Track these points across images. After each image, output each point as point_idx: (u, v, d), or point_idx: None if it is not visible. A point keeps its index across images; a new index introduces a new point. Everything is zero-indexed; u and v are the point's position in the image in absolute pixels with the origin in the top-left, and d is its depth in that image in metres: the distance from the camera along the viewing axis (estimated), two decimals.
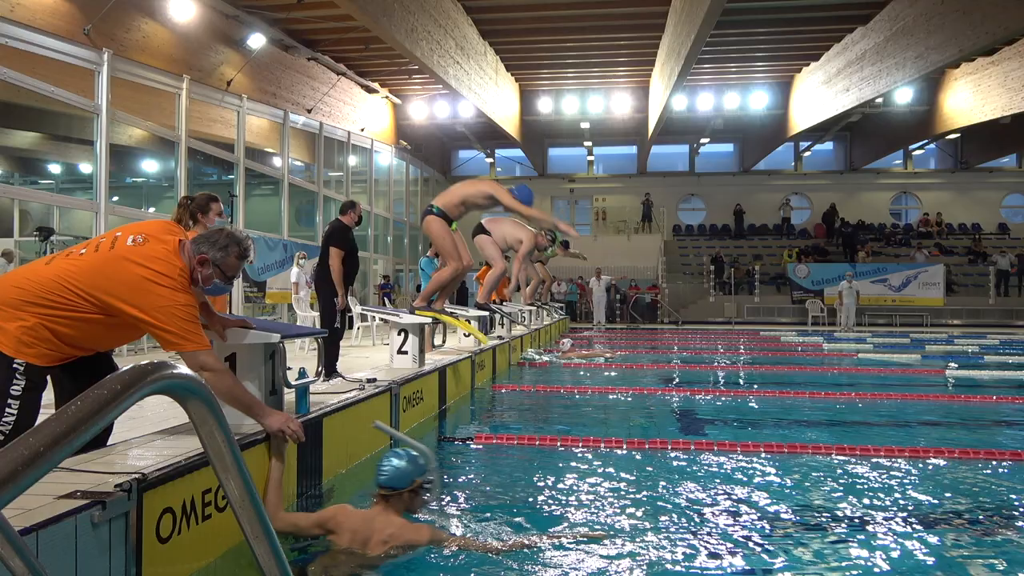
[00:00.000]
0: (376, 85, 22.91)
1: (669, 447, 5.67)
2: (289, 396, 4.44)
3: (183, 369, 1.28)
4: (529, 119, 27.49)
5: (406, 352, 7.16)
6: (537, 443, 5.80)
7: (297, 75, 18.60)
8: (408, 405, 6.19)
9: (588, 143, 29.92)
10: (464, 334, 10.34)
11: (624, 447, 5.67)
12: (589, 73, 25.09)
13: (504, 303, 12.26)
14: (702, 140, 29.50)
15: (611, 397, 8.34)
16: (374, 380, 5.86)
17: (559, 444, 5.74)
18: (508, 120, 25.33)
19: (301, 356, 10.94)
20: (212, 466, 1.53)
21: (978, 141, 27.37)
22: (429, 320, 7.57)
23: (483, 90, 21.65)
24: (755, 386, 9.40)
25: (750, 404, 7.97)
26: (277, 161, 17.92)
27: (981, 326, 21.69)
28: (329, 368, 6.75)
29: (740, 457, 5.35)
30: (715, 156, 31.60)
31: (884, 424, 6.83)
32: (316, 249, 16.56)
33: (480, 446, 5.74)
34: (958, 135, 26.69)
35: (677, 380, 10.25)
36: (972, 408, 7.73)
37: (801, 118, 24.63)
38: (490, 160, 31.98)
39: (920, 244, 27.97)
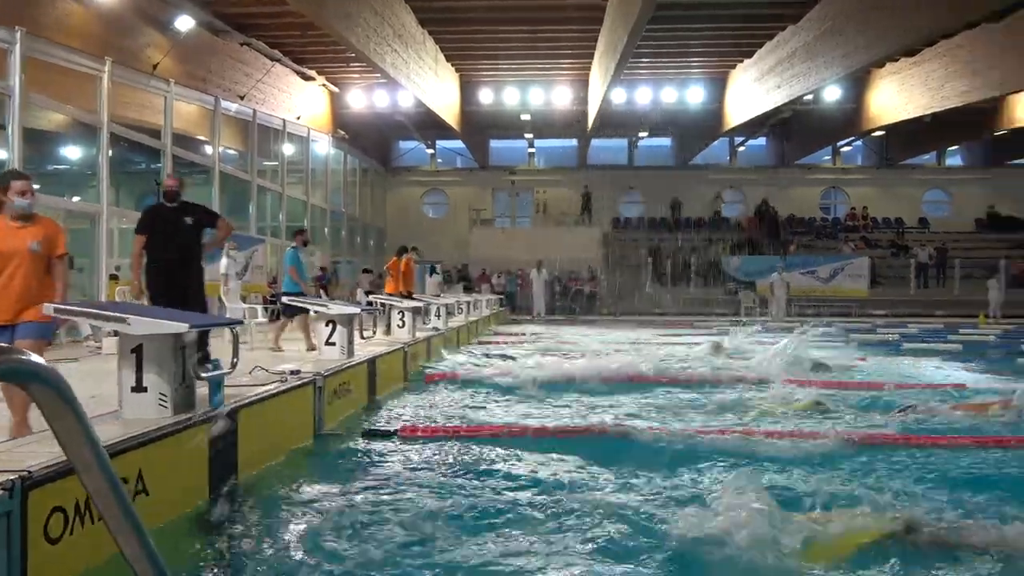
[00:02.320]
0: (313, 73, 22.45)
1: (597, 432, 5.75)
2: (202, 389, 4.33)
3: (30, 355, 1.22)
4: (470, 110, 27.37)
5: (334, 343, 7.06)
6: (463, 434, 5.80)
7: (229, 60, 18.07)
8: (334, 397, 6.11)
9: (529, 135, 29.97)
10: (399, 325, 10.27)
11: (551, 435, 5.71)
12: (530, 65, 25.11)
13: (411, 295, 12.14)
14: (640, 134, 29.88)
15: (546, 388, 8.38)
16: (297, 372, 5.76)
17: (487, 434, 5.75)
18: (448, 111, 25.17)
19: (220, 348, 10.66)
20: (67, 457, 1.46)
21: (901, 139, 28.47)
22: (358, 310, 7.48)
23: (422, 79, 21.44)
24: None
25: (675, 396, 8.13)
26: (209, 149, 17.38)
27: (903, 315, 22.61)
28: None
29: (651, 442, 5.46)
30: (653, 150, 32.07)
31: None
32: (247, 240, 16.24)
33: (408, 437, 5.70)
34: (883, 132, 27.71)
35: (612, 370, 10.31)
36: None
37: (735, 114, 25.20)
38: (431, 151, 31.73)
39: (847, 237, 28.98)
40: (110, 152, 12.80)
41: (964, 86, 19.66)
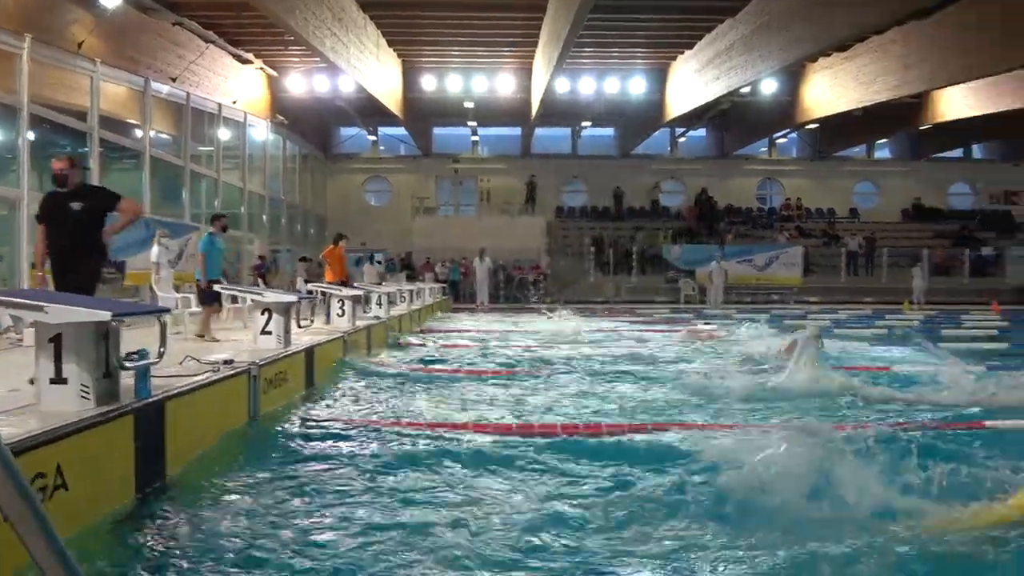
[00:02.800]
0: (250, 56, 21.79)
1: (535, 431, 5.78)
2: (129, 379, 4.17)
3: None
4: (413, 96, 27.05)
5: (270, 332, 6.90)
6: (405, 426, 5.75)
7: (160, 40, 17.38)
8: (270, 387, 5.98)
9: (473, 123, 29.83)
10: (338, 313, 10.11)
11: (491, 431, 5.70)
12: (473, 52, 24.94)
13: (345, 284, 11.98)
14: (584, 123, 30.07)
15: (485, 379, 8.38)
16: (231, 361, 5.61)
17: (426, 428, 5.71)
18: (391, 97, 24.82)
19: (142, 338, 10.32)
20: None
21: (834, 132, 29.40)
22: (295, 299, 7.33)
23: (364, 65, 21.07)
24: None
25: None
26: (139, 133, 16.74)
27: (834, 302, 23.42)
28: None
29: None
30: (596, 140, 32.33)
31: None
32: (180, 227, 15.73)
33: (344, 428, 5.62)
34: (816, 125, 28.55)
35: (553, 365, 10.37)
36: None
37: (676, 105, 25.57)
38: (373, 138, 31.28)
39: (782, 227, 29.86)
40: (31, 135, 12.21)
41: (894, 81, 20.37)
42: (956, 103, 24.21)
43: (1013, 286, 25.53)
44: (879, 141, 32.06)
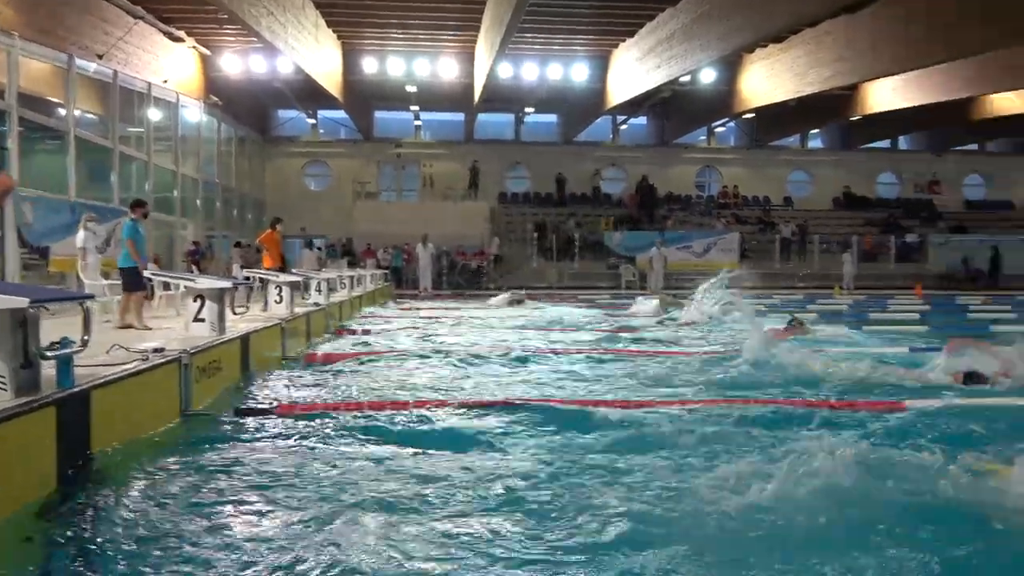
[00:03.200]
0: (181, 33, 21.01)
1: (485, 406, 5.79)
2: (51, 369, 4.00)
3: None
4: (353, 79, 26.53)
5: (203, 319, 6.72)
6: (343, 409, 5.69)
7: (85, 15, 16.59)
8: (202, 376, 5.83)
9: (415, 107, 29.48)
10: (275, 300, 9.91)
11: (432, 408, 5.71)
12: (415, 35, 24.59)
13: (283, 270, 11.77)
14: (527, 109, 30.07)
15: (431, 363, 8.35)
16: (161, 350, 5.44)
17: (366, 411, 5.66)
18: (330, 79, 24.28)
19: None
20: None
21: (769, 121, 30.14)
22: (229, 285, 7.15)
23: (302, 45, 20.54)
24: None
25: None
26: (63, 112, 15.97)
27: (769, 287, 24.10)
28: None
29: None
30: (539, 126, 32.38)
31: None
32: (108, 211, 15.12)
33: (285, 414, 5.53)
34: (753, 115, 29.21)
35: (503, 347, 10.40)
36: None
37: (618, 92, 25.77)
38: (312, 121, 30.61)
39: (719, 214, 30.54)
40: None
41: (827, 72, 20.95)
42: (885, 95, 25.09)
43: (935, 272, 26.75)
44: (812, 131, 33.05)
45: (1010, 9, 15.23)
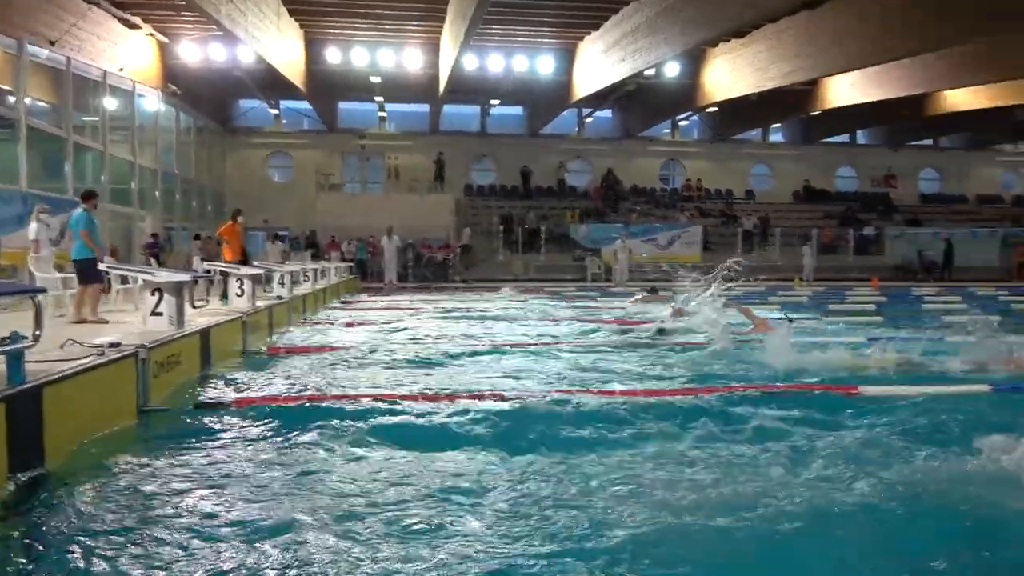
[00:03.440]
0: (138, 20, 20.49)
1: (443, 399, 5.78)
2: (0, 365, 3.90)
3: None
4: (316, 69, 26.17)
5: (161, 313, 6.59)
6: (307, 404, 5.64)
7: (36, 0, 16.08)
8: (161, 370, 5.72)
9: (380, 98, 29.20)
10: (237, 294, 9.76)
11: (398, 402, 5.68)
12: (380, 25, 24.33)
13: (245, 263, 11.59)
14: (492, 102, 29.99)
15: (396, 356, 8.31)
16: (117, 344, 5.33)
17: (330, 404, 5.62)
18: (293, 69, 23.92)
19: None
20: None
21: (732, 115, 30.51)
22: (188, 278, 7.02)
23: (263, 34, 20.19)
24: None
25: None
26: (13, 100, 15.47)
27: (730, 279, 24.43)
28: None
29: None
30: (505, 118, 32.33)
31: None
32: (61, 202, 14.71)
33: (244, 409, 5.45)
34: (716, 109, 29.54)
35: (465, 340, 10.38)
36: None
37: (583, 85, 25.84)
38: (275, 111, 30.12)
39: (683, 207, 30.86)
40: None
41: (787, 67, 21.28)
42: (843, 90, 25.57)
43: (891, 264, 27.41)
44: (773, 125, 33.55)
45: (965, 5, 15.64)
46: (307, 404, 5.61)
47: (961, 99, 25.93)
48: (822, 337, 9.41)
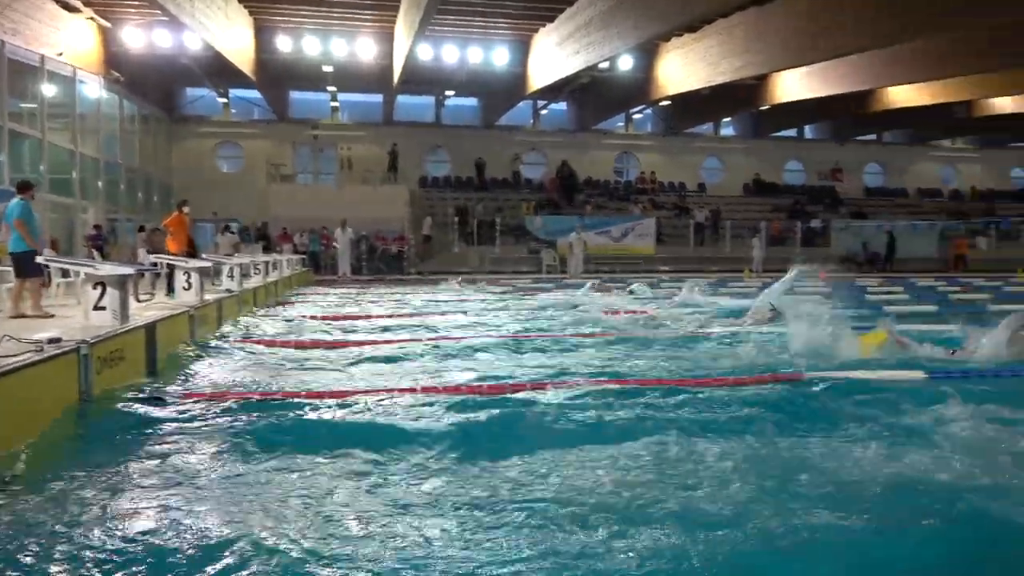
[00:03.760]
0: (78, 3, 19.78)
1: (396, 394, 5.75)
2: None
3: None
4: (267, 58, 25.63)
5: (104, 308, 6.40)
6: (257, 400, 5.55)
7: None
8: (104, 367, 5.56)
9: (332, 88, 28.77)
10: (184, 287, 9.53)
11: (352, 397, 5.63)
12: (331, 14, 23.94)
13: (192, 255, 11.32)
14: (447, 93, 29.81)
15: (347, 350, 8.23)
16: (57, 340, 5.16)
17: (281, 400, 5.54)
18: (242, 57, 23.37)
19: None
20: None
21: (684, 109, 30.92)
22: (132, 271, 6.82)
23: (211, 21, 19.67)
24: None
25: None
26: None
27: (683, 271, 24.85)
28: None
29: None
30: (460, 109, 32.17)
31: None
32: None
33: (190, 407, 5.33)
34: (669, 102, 29.90)
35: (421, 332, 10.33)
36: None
37: (538, 77, 25.87)
38: (224, 100, 29.42)
39: (637, 199, 31.20)
40: None
41: (738, 63, 21.64)
42: (791, 86, 26.13)
43: (837, 255, 28.19)
44: (725, 119, 34.13)
45: (912, 3, 16.11)
46: (257, 400, 5.52)
47: (903, 96, 26.75)
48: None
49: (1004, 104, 27.84)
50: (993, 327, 7.23)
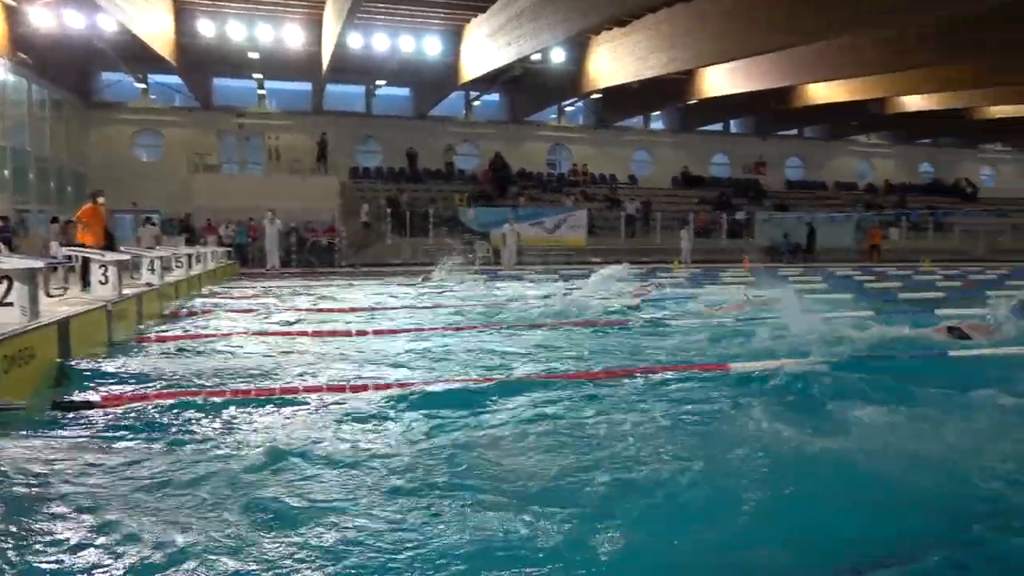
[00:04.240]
0: None
1: (325, 392, 5.66)
2: None
3: None
4: (188, 42, 24.66)
5: (11, 304, 6.07)
6: (179, 400, 5.37)
7: None
8: (12, 366, 5.28)
9: (258, 75, 27.94)
10: (100, 281, 9.13)
11: (281, 396, 5.52)
12: None
13: (110, 248, 10.90)
14: (378, 82, 29.37)
15: (272, 346, 8.05)
16: None
17: (204, 399, 5.37)
18: (161, 40, 22.43)
19: None
20: None
21: (615, 102, 31.35)
22: (41, 264, 6.49)
23: (126, 1, 18.81)
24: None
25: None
26: None
27: (615, 262, 25.23)
28: None
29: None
30: (392, 99, 31.75)
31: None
32: None
33: (107, 408, 5.12)
34: (600, 95, 30.25)
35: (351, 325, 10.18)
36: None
37: (470, 68, 25.76)
38: (142, 85, 28.20)
39: (569, 191, 31.51)
40: None
41: (665, 57, 22.05)
42: (717, 81, 26.81)
43: (760, 246, 29.16)
44: (654, 113, 34.78)
45: (834, 1, 16.73)
46: (180, 400, 5.34)
47: (822, 93, 27.80)
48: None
49: (914, 102, 29.33)
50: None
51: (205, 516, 3.27)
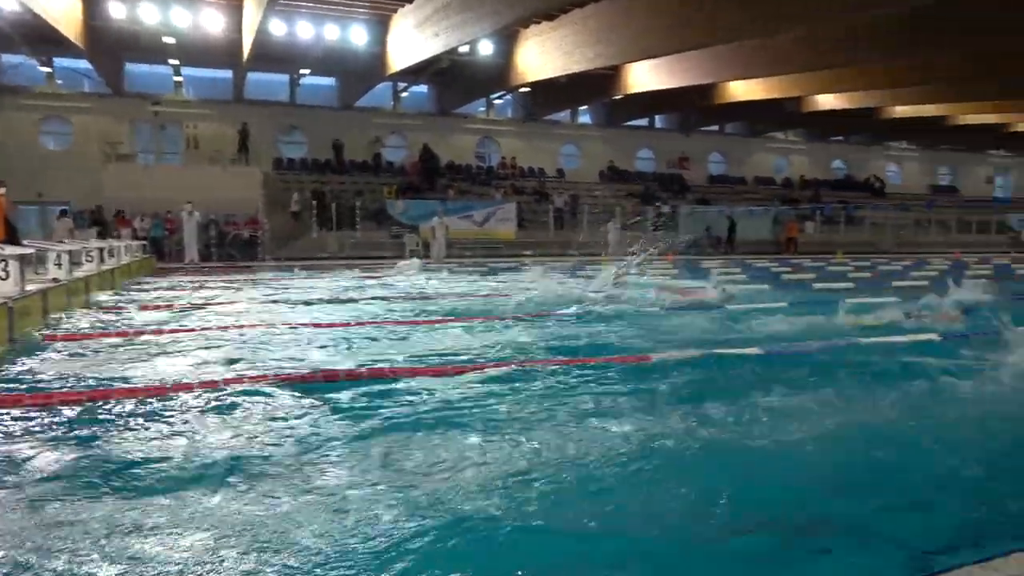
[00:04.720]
0: None
1: (248, 383, 5.51)
2: None
3: None
4: (97, 25, 23.49)
5: None
6: (88, 402, 5.12)
7: None
8: None
9: (175, 61, 26.86)
10: (1, 276, 8.59)
11: (202, 392, 5.33)
12: None
13: (13, 241, 10.34)
14: (302, 71, 28.69)
15: (193, 340, 7.77)
16: None
17: (117, 399, 5.14)
18: (67, 21, 21.27)
19: None
20: None
21: (544, 96, 31.58)
22: None
23: None
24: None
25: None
26: None
27: (544, 255, 25.47)
28: None
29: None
30: (317, 89, 31.08)
31: None
32: None
33: (8, 410, 4.84)
34: (528, 89, 30.41)
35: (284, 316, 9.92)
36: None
37: (398, 59, 25.45)
38: (47, 69, 26.71)
39: (498, 184, 31.58)
40: None
41: (591, 53, 22.33)
42: (641, 77, 27.34)
43: (684, 240, 29.93)
44: (581, 108, 35.22)
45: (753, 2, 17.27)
46: (88, 401, 5.09)
47: (741, 90, 28.72)
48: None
49: (828, 101, 30.65)
50: None
51: (109, 517, 3.14)
